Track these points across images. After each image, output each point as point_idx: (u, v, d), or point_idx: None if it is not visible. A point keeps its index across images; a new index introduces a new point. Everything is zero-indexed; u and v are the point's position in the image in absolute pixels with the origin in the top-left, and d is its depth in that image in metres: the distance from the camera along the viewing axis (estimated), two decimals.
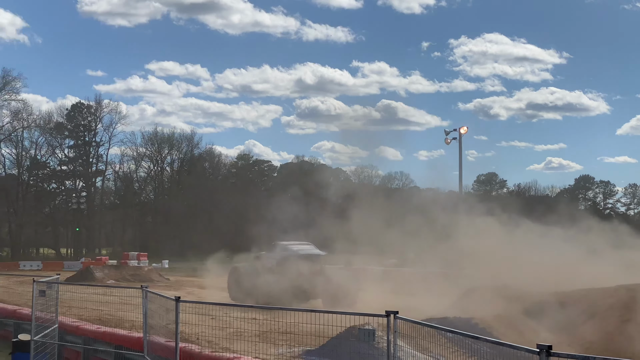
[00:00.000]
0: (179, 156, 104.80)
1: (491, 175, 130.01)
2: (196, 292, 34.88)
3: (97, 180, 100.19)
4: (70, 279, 37.53)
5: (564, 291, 20.62)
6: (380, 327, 11.47)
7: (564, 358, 5.45)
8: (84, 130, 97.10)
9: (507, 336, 15.60)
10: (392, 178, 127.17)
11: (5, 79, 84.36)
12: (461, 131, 55.97)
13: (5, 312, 20.18)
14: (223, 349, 12.81)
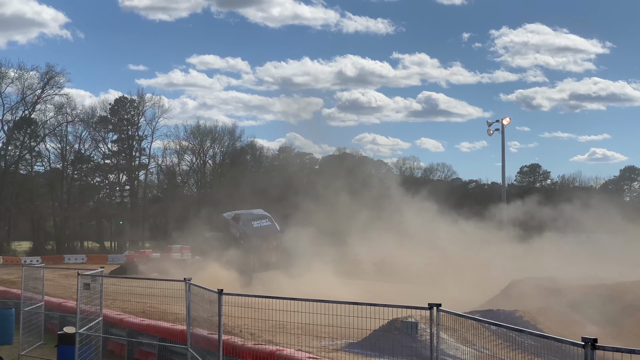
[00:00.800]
0: (221, 149, 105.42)
1: (534, 167, 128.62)
2: (237, 285, 35.04)
3: (140, 174, 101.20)
4: (114, 272, 37.99)
5: (609, 284, 20.34)
6: (423, 319, 11.40)
7: (609, 351, 5.36)
8: (127, 124, 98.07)
9: (551, 329, 15.44)
10: (433, 169, 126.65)
11: (49, 74, 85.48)
12: (504, 122, 55.39)
13: (51, 305, 20.48)
14: (266, 341, 12.85)
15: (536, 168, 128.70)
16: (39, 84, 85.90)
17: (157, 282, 13.77)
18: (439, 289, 35.24)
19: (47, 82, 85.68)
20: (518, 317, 16.76)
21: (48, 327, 20.45)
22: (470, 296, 30.66)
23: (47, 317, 20.27)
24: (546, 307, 18.34)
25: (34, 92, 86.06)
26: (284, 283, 38.89)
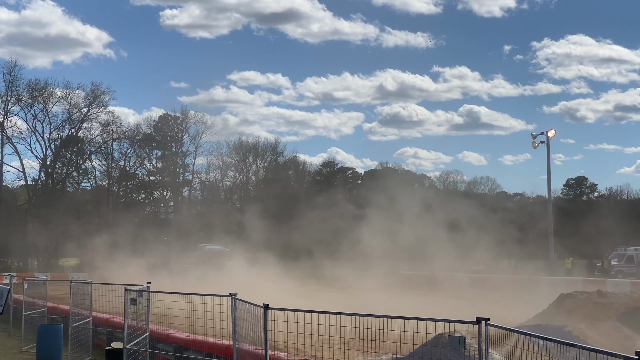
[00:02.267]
0: (263, 165, 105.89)
1: (581, 179, 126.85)
2: (283, 299, 35.08)
3: (184, 190, 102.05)
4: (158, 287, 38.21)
5: None
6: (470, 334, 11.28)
7: None
8: (171, 141, 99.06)
9: (601, 344, 15.15)
10: (477, 183, 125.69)
11: (94, 92, 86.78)
12: (549, 134, 54.80)
13: (98, 321, 20.67)
14: (311, 356, 12.81)
15: (582, 181, 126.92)
16: (85, 102, 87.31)
17: (203, 297, 13.82)
18: (483, 303, 34.92)
19: (93, 100, 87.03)
20: (567, 332, 16.50)
21: (96, 342, 20.64)
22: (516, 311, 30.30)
23: (94, 332, 20.47)
24: (595, 322, 18.03)
25: (80, 111, 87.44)
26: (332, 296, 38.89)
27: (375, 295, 42.56)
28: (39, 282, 24.12)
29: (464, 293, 44.74)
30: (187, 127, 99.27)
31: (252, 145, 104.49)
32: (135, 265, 48.55)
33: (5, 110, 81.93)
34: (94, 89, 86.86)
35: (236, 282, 30.01)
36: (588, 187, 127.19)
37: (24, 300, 23.30)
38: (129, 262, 51.87)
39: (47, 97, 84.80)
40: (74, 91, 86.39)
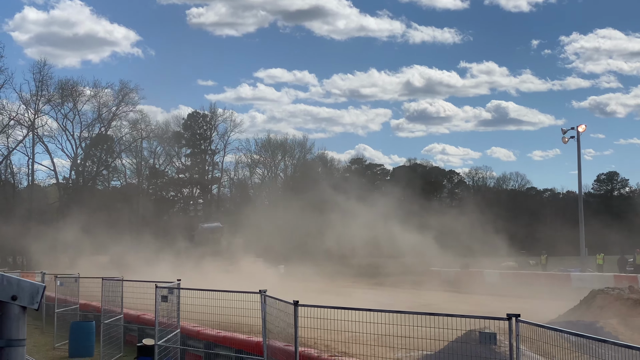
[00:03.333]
0: (292, 162, 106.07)
1: (612, 174, 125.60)
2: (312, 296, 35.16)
3: (213, 188, 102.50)
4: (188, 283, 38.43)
5: None
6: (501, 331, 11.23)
7: None
8: (200, 138, 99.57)
9: (633, 340, 15.02)
10: (506, 179, 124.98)
11: (123, 91, 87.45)
12: (579, 129, 54.25)
13: (129, 318, 20.85)
14: (341, 353, 12.83)
15: (614, 176, 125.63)
16: (114, 101, 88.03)
17: (233, 294, 13.89)
18: (514, 300, 34.75)
19: (122, 99, 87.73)
20: (599, 328, 16.35)
21: (127, 339, 20.83)
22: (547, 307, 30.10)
23: (126, 329, 20.65)
24: (627, 318, 17.85)
25: (109, 109, 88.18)
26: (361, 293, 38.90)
27: (406, 291, 42.51)
28: (71, 280, 24.35)
29: (494, 289, 44.51)
30: (216, 125, 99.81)
31: (280, 143, 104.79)
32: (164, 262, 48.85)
33: (35, 109, 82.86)
34: (123, 87, 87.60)
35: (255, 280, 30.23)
36: (619, 182, 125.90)
37: (56, 298, 23.56)
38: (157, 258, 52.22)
39: (77, 96, 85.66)
40: (103, 90, 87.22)
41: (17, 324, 3.72)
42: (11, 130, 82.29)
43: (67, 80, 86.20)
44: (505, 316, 8.19)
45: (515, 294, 39.63)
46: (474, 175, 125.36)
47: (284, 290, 20.01)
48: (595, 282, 42.53)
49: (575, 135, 54.33)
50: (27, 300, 3.76)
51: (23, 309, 3.78)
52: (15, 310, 3.71)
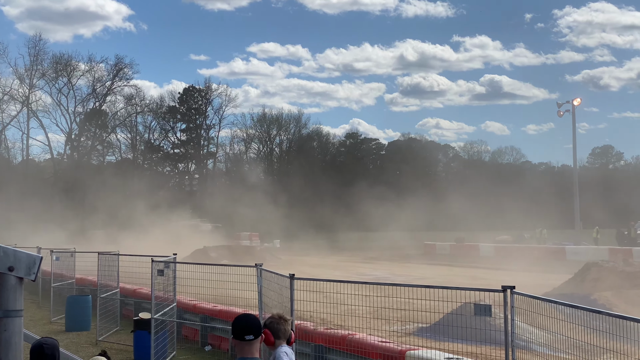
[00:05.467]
0: (287, 137, 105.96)
1: (607, 148, 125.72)
2: (307, 271, 35.30)
3: (208, 163, 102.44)
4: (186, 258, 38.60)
5: None
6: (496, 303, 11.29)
7: None
8: (195, 113, 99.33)
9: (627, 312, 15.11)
10: (502, 153, 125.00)
11: (118, 66, 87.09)
12: (574, 103, 54.26)
13: (126, 292, 20.91)
14: (337, 326, 12.89)
15: (609, 149, 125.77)
16: (109, 75, 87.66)
17: (228, 268, 13.92)
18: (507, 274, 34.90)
19: (117, 73, 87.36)
20: (593, 300, 16.46)
21: (124, 313, 20.91)
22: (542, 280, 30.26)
23: (122, 303, 20.72)
24: (622, 290, 17.97)
25: (104, 84, 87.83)
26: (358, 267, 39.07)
27: (402, 265, 42.68)
28: (67, 254, 24.38)
29: (489, 263, 44.72)
30: (211, 100, 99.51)
31: (275, 117, 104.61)
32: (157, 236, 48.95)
33: (30, 84, 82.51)
34: (118, 62, 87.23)
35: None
36: (614, 155, 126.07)
37: (52, 272, 23.61)
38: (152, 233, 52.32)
39: (71, 70, 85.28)
40: (98, 65, 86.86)
41: (15, 295, 3.73)
42: (5, 105, 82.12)
43: (61, 54, 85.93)
44: (500, 288, 8.23)
45: (510, 267, 39.83)
46: (469, 149, 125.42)
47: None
48: (590, 255, 42.77)
49: (571, 109, 54.33)
50: (23, 271, 3.77)
51: (20, 280, 3.79)
52: (12, 281, 3.72)
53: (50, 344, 5.76)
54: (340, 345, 11.65)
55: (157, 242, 42.23)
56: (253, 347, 5.03)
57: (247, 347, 5.00)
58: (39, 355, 5.65)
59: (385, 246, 62.31)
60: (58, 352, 5.74)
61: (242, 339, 4.98)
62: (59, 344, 5.92)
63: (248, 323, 5.05)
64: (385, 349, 10.77)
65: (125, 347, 16.66)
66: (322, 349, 12.10)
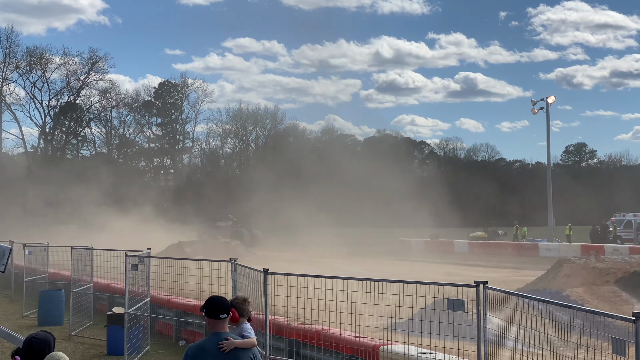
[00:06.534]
0: (263, 132, 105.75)
1: (580, 146, 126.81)
2: (282, 266, 35.27)
3: (184, 158, 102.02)
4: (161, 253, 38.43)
5: None
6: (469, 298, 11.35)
7: None
8: (171, 108, 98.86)
9: (599, 308, 15.27)
10: (477, 150, 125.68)
11: (92, 59, 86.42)
12: (549, 101, 54.66)
13: (99, 286, 20.79)
14: (311, 321, 12.91)
15: (582, 147, 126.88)
16: (83, 69, 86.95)
17: (202, 263, 13.90)
18: (482, 270, 35.13)
19: (91, 67, 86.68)
20: (565, 296, 16.60)
21: (97, 308, 20.80)
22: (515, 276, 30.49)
23: (96, 298, 20.60)
24: (594, 286, 18.14)
25: (78, 78, 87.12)
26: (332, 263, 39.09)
27: (377, 261, 42.80)
28: (40, 249, 24.20)
29: (464, 259, 44.97)
30: (186, 95, 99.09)
31: (252, 113, 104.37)
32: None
33: (3, 77, 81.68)
34: (92, 55, 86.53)
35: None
36: (587, 153, 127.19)
37: (25, 267, 23.43)
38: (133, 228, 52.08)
39: (45, 63, 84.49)
40: (73, 58, 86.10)
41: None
42: None
43: (35, 47, 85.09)
44: (473, 283, 8.28)
45: (484, 264, 40.09)
46: (445, 146, 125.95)
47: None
48: (562, 252, 43.16)
49: (545, 106, 54.71)
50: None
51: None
52: None
53: (42, 338, 5.66)
54: (315, 340, 11.67)
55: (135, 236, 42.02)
56: (225, 324, 6.19)
57: (220, 323, 6.15)
58: (27, 350, 5.58)
59: (361, 242, 62.39)
60: (50, 348, 5.65)
61: (218, 317, 6.12)
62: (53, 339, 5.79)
63: (222, 304, 6.18)
64: (359, 343, 10.80)
65: (99, 342, 16.58)
66: (297, 343, 12.12)
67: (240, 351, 6.16)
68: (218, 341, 6.08)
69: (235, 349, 6.13)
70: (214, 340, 6.11)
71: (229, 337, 6.15)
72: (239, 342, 6.22)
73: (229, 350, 6.06)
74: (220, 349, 6.04)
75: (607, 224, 54.86)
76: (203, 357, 6.08)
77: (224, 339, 6.11)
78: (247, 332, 7.11)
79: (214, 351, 6.05)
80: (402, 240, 59.93)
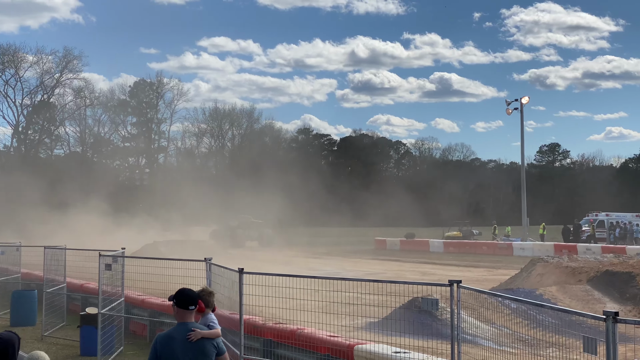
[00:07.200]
0: (239, 132, 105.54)
1: (554, 146, 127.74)
2: (258, 266, 35.20)
3: (159, 157, 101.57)
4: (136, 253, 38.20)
5: (631, 262, 20.25)
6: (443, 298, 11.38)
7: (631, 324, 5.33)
8: (147, 107, 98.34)
9: (571, 307, 15.39)
10: (452, 150, 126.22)
11: (67, 58, 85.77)
12: (523, 101, 55.00)
13: (73, 287, 20.62)
14: (286, 320, 12.89)
15: (555, 147, 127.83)
16: (58, 68, 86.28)
17: (177, 263, 13.83)
18: (456, 269, 35.31)
19: (66, 66, 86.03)
20: (538, 295, 16.70)
21: (70, 308, 20.62)
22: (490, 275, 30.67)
23: (69, 298, 20.43)
24: (566, 285, 18.29)
25: (52, 76, 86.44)
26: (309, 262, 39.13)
27: (352, 261, 42.86)
28: (12, 248, 23.97)
29: (439, 258, 45.16)
30: (162, 94, 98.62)
31: (228, 112, 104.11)
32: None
33: None
34: (67, 54, 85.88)
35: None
36: (561, 153, 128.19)
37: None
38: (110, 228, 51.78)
39: (19, 62, 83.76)
40: (47, 57, 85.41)
41: None
42: None
43: (8, 45, 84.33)
44: (447, 282, 8.31)
45: (459, 263, 40.28)
46: (420, 146, 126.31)
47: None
48: (536, 251, 43.47)
49: (519, 107, 55.07)
50: None
51: None
52: None
53: (5, 338, 5.57)
54: (290, 340, 11.66)
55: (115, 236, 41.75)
56: (192, 315, 6.58)
57: (188, 314, 6.53)
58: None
59: (337, 241, 62.46)
60: (13, 348, 5.57)
61: (187, 308, 6.52)
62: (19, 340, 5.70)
63: (191, 296, 6.61)
64: (334, 343, 10.81)
65: (72, 343, 16.46)
66: (271, 343, 12.10)
67: (206, 340, 6.55)
68: (186, 331, 6.46)
69: (202, 338, 6.52)
70: (182, 330, 6.48)
71: (195, 328, 6.54)
72: (205, 333, 6.62)
73: (196, 339, 6.45)
74: (188, 338, 6.42)
75: (581, 224, 55.33)
76: (171, 345, 6.44)
77: (192, 329, 6.49)
78: (212, 323, 7.62)
79: (182, 340, 6.43)
80: (377, 240, 60.04)
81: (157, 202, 74.96)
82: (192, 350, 6.46)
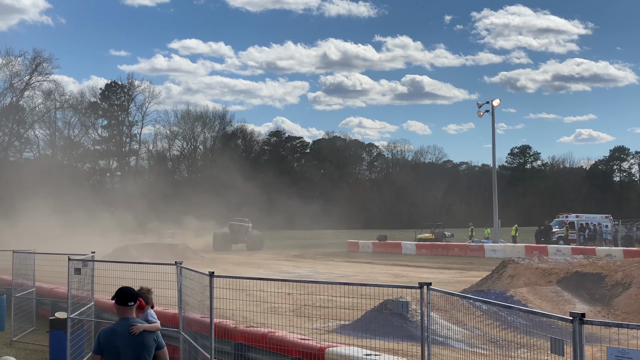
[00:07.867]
0: (212, 134, 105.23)
1: (525, 148, 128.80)
2: (230, 269, 35.12)
3: (130, 160, 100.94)
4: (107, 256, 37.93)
5: (600, 263, 20.44)
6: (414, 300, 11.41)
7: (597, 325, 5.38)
8: (118, 109, 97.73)
9: (542, 308, 15.51)
10: (424, 152, 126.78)
11: (36, 60, 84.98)
12: (494, 104, 55.34)
13: (42, 291, 20.40)
14: (258, 324, 12.86)
15: (526, 149, 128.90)
16: (27, 70, 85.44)
17: (148, 266, 13.74)
18: (429, 271, 35.45)
19: (35, 68, 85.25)
20: (508, 296, 16.81)
21: (40, 313, 20.40)
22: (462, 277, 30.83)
23: (38, 303, 20.21)
24: (537, 287, 18.42)
25: (21, 79, 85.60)
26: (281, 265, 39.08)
27: (325, 263, 42.87)
28: None
29: (411, 260, 45.30)
30: (133, 96, 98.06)
31: (200, 115, 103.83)
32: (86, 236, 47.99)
33: None
34: (36, 56, 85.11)
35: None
36: (532, 155, 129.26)
37: None
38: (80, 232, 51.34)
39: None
40: (16, 59, 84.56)
41: None
42: None
43: None
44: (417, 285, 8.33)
45: (431, 265, 40.43)
46: (393, 148, 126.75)
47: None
48: (507, 253, 43.77)
49: (490, 109, 55.41)
50: None
51: None
52: None
53: None
54: (261, 343, 11.62)
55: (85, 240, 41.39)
56: (132, 310, 7.05)
57: (129, 310, 6.99)
58: None
59: (309, 244, 62.46)
60: None
61: (126, 304, 6.98)
62: None
63: (130, 293, 7.09)
64: (305, 346, 10.79)
65: (41, 348, 16.29)
66: (243, 347, 12.05)
67: (146, 334, 7.02)
68: (127, 325, 6.93)
69: (143, 332, 6.99)
70: (123, 324, 6.94)
71: (136, 322, 6.99)
72: (146, 326, 7.11)
73: (137, 333, 6.91)
74: (131, 332, 6.88)
75: (551, 225, 55.78)
76: (114, 339, 6.88)
77: (133, 324, 6.94)
78: (151, 317, 8.43)
79: (125, 334, 6.88)
80: (350, 242, 60.11)
81: (129, 205, 74.49)
82: (134, 343, 6.88)
